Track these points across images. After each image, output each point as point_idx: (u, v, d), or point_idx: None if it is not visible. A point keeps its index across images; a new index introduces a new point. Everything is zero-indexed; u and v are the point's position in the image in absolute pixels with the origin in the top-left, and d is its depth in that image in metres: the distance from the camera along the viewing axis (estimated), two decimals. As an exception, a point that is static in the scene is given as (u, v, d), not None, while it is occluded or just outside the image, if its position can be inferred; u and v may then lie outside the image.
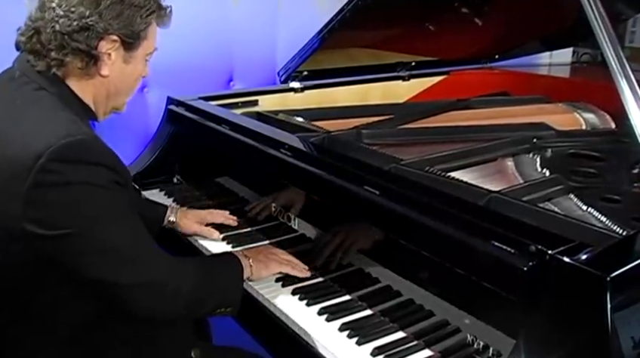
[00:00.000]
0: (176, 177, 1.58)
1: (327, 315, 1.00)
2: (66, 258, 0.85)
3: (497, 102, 1.77)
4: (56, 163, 0.81)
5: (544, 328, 0.75)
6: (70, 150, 0.82)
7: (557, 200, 1.07)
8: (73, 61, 0.89)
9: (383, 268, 1.04)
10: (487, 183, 1.14)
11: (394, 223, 0.97)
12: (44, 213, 0.82)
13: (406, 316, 0.97)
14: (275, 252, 1.12)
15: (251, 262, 1.05)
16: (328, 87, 1.78)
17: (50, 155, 0.80)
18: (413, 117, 1.56)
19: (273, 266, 1.08)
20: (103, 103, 0.97)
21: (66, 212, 0.82)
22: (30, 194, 0.81)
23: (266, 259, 1.08)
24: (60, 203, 0.82)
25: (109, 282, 0.86)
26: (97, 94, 0.95)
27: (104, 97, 0.96)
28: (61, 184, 0.81)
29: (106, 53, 0.91)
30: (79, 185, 0.83)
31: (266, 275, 1.08)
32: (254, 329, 1.07)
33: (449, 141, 1.37)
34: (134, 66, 0.96)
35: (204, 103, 1.54)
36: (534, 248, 0.77)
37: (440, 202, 0.91)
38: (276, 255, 1.10)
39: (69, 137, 0.82)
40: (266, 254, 1.10)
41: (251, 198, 1.40)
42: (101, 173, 0.84)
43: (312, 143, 1.24)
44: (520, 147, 1.33)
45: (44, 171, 0.80)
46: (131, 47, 0.93)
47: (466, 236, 0.84)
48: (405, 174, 1.08)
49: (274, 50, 1.94)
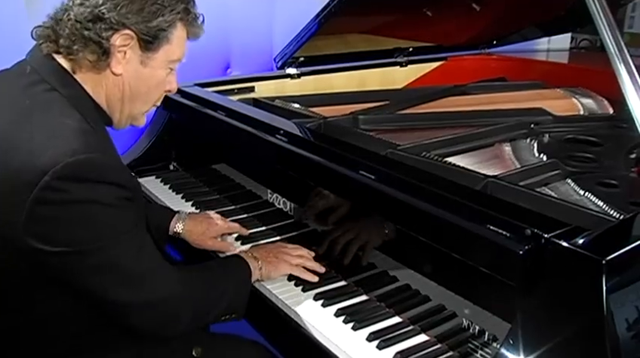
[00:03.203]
0: (172, 164, 1.57)
1: (323, 300, 0.99)
2: (67, 274, 0.83)
3: (495, 88, 1.76)
4: (61, 181, 0.78)
5: (540, 311, 0.75)
6: (76, 169, 0.79)
7: (554, 185, 1.07)
8: (84, 52, 0.86)
9: (379, 253, 1.04)
10: (484, 168, 1.13)
11: (390, 209, 0.96)
12: (45, 228, 0.80)
13: (402, 301, 0.97)
14: (286, 251, 1.08)
15: (260, 264, 1.03)
16: (325, 73, 1.77)
17: (55, 174, 0.77)
18: (410, 103, 1.55)
19: (283, 268, 1.05)
20: (118, 106, 0.92)
21: (69, 229, 0.80)
22: (33, 209, 0.78)
23: (276, 260, 1.05)
24: (63, 220, 0.80)
25: (109, 301, 0.85)
26: (110, 94, 0.90)
27: (118, 100, 0.91)
28: (65, 202, 0.79)
29: (120, 48, 0.86)
30: (84, 203, 0.80)
31: (275, 276, 1.05)
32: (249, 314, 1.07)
33: (446, 127, 1.36)
34: (153, 70, 0.90)
35: (200, 89, 1.52)
36: (530, 231, 0.77)
37: (436, 186, 0.91)
38: (288, 254, 1.07)
39: (77, 154, 0.79)
40: (276, 254, 1.06)
41: (248, 184, 1.40)
42: (108, 191, 0.82)
43: (308, 128, 1.23)
44: (517, 132, 1.33)
45: (49, 188, 0.78)
46: (149, 48, 0.88)
47: (462, 221, 0.83)
48: (402, 159, 1.08)
49: (270, 36, 1.92)
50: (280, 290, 1.03)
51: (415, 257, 0.97)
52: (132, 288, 0.85)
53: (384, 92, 1.71)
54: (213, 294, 0.95)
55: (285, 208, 1.26)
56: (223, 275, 1.00)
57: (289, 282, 1.05)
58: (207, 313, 0.95)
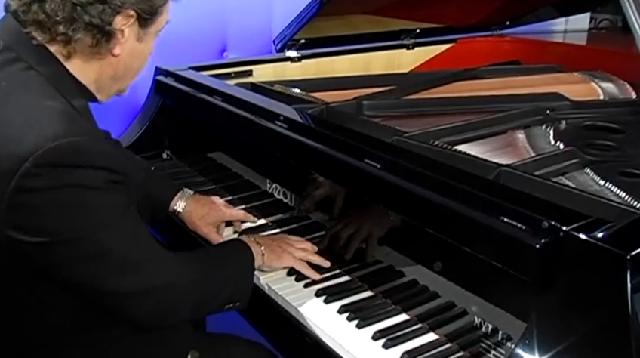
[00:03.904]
0: (165, 153, 1.56)
1: (326, 296, 0.98)
2: (56, 267, 0.81)
3: (508, 71, 1.73)
4: (43, 167, 0.76)
5: (558, 310, 0.73)
6: (59, 154, 0.76)
7: (571, 174, 1.05)
8: (83, 38, 0.83)
9: (384, 247, 1.03)
10: (497, 156, 1.12)
11: (396, 199, 0.95)
12: (28, 219, 0.78)
13: (409, 297, 0.96)
14: (290, 243, 1.06)
15: (263, 250, 1.01)
16: (327, 56, 1.75)
17: (35, 160, 0.75)
18: (417, 88, 1.53)
19: (286, 260, 1.04)
20: (108, 84, 0.90)
21: (54, 218, 0.78)
22: (13, 199, 0.76)
23: (280, 250, 1.04)
24: (47, 208, 0.78)
25: (104, 291, 0.83)
26: (103, 75, 0.88)
27: (110, 79, 0.89)
28: (48, 188, 0.77)
29: (119, 29, 0.84)
30: (68, 188, 0.78)
31: (277, 266, 1.04)
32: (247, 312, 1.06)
33: (456, 113, 1.34)
34: (146, 44, 0.90)
35: (194, 73, 1.51)
36: (547, 224, 0.75)
37: (445, 176, 0.89)
38: (291, 246, 1.06)
39: (59, 138, 0.76)
40: (279, 244, 1.05)
41: (245, 174, 1.39)
42: (95, 174, 0.79)
43: (309, 115, 1.22)
44: (532, 119, 1.31)
45: (29, 175, 0.75)
46: (147, 24, 0.87)
47: (474, 212, 0.82)
48: (409, 147, 1.06)
49: (269, 17, 1.90)
50: (280, 285, 1.02)
51: (423, 251, 0.95)
52: (130, 276, 0.83)
53: (390, 76, 1.69)
54: (215, 280, 0.93)
55: (285, 199, 1.26)
56: (225, 259, 0.98)
57: (289, 277, 1.04)
58: (210, 300, 0.93)
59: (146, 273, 0.85)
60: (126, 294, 0.84)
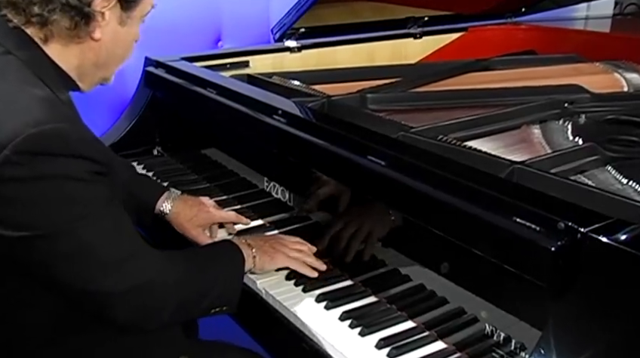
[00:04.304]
0: (156, 149, 1.57)
1: (327, 302, 0.98)
2: (36, 264, 0.81)
3: (523, 62, 1.73)
4: (22, 155, 0.76)
5: (576, 317, 0.73)
6: (40, 141, 0.77)
7: (591, 172, 1.05)
8: (60, 20, 0.83)
9: (389, 249, 1.03)
10: (510, 153, 1.12)
11: (402, 198, 0.95)
12: (6, 210, 0.78)
13: (416, 303, 0.96)
14: (284, 243, 1.07)
15: (254, 252, 1.02)
16: (329, 46, 1.75)
17: (15, 147, 0.75)
18: (425, 80, 1.54)
19: (280, 260, 1.04)
20: (91, 72, 0.91)
21: (34, 210, 0.78)
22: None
23: (273, 250, 1.04)
24: (26, 199, 0.78)
25: (85, 290, 0.83)
26: (85, 61, 0.89)
27: (92, 66, 0.90)
28: (28, 179, 0.77)
29: (100, 12, 0.85)
30: (50, 179, 0.78)
31: (270, 268, 1.04)
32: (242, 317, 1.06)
33: (466, 107, 1.34)
34: (130, 29, 0.90)
35: (187, 64, 1.51)
36: (564, 225, 0.74)
37: (454, 174, 0.89)
38: (285, 246, 1.06)
39: (40, 125, 0.77)
40: (272, 244, 1.05)
41: (242, 171, 1.39)
42: (78, 164, 0.80)
43: (310, 108, 1.22)
44: (548, 113, 1.30)
45: (8, 163, 0.76)
46: (129, 7, 0.88)
47: (485, 212, 0.81)
48: (415, 142, 1.06)
49: (267, 4, 1.90)
50: (277, 290, 1.02)
51: (430, 253, 0.95)
52: (113, 274, 0.83)
53: (396, 67, 1.69)
54: (202, 281, 0.93)
55: (284, 198, 1.26)
56: (213, 261, 0.98)
57: (288, 281, 1.04)
58: (195, 302, 0.93)
59: (130, 271, 0.85)
60: (108, 294, 0.83)
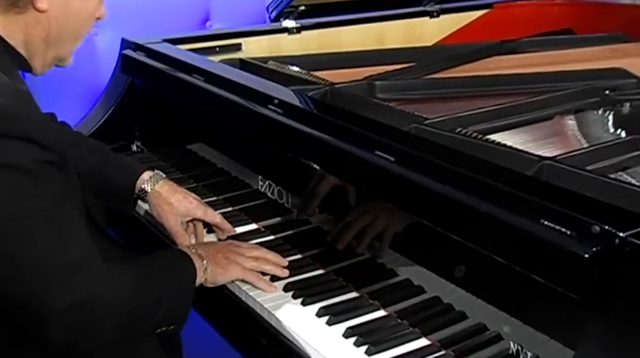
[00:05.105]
0: (135, 144, 1.57)
1: (329, 317, 0.99)
2: None
3: (558, 43, 1.73)
4: None
5: (614, 335, 0.73)
6: None
7: (635, 169, 1.05)
8: None
9: (400, 257, 1.04)
10: (539, 147, 1.12)
11: (414, 199, 0.95)
12: None
13: (430, 318, 0.97)
14: (239, 251, 1.08)
15: (205, 264, 1.02)
16: (332, 26, 1.76)
17: None
18: (442, 64, 1.54)
19: (233, 272, 1.05)
20: (41, 49, 0.93)
21: None
22: None
23: (226, 261, 1.05)
24: None
25: (17, 304, 0.83)
26: (32, 36, 0.91)
27: (42, 42, 0.92)
28: None
29: None
30: None
31: (223, 281, 1.05)
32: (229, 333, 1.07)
33: (490, 95, 1.35)
34: (82, 1, 0.92)
35: (170, 47, 1.52)
36: (599, 228, 0.75)
37: (474, 171, 0.89)
38: (241, 256, 1.07)
39: None
40: (225, 254, 1.06)
41: (233, 170, 1.40)
42: (22, 150, 0.79)
43: (310, 98, 1.23)
44: (586, 101, 1.31)
45: None
46: None
47: (509, 215, 0.82)
48: (430, 136, 1.07)
49: (262, -22, 1.91)
50: (273, 303, 1.03)
51: (447, 262, 0.95)
52: (53, 289, 0.82)
53: (409, 51, 1.69)
54: (148, 298, 0.93)
55: (281, 200, 1.27)
56: (162, 274, 0.99)
57: (285, 293, 1.05)
58: (140, 321, 0.93)
59: (72, 286, 0.84)
60: (43, 311, 0.82)
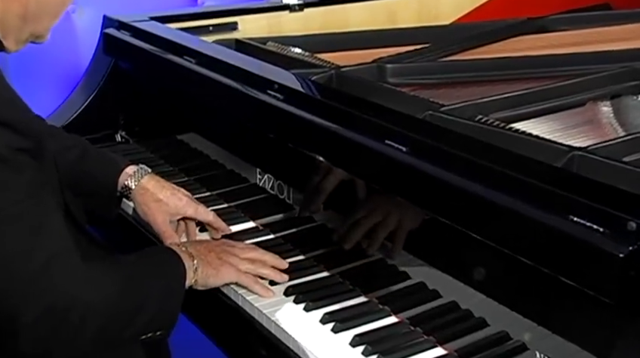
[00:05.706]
0: (119, 134, 1.58)
1: (335, 323, 0.99)
2: None
3: (592, 20, 1.72)
4: None
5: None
6: None
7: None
8: None
9: (413, 258, 1.04)
10: (570, 136, 1.13)
11: (428, 193, 0.95)
12: None
13: (447, 325, 0.97)
14: (233, 251, 1.09)
15: (196, 264, 1.03)
16: (338, 3, 1.77)
17: None
18: (461, 45, 1.55)
19: (226, 274, 1.05)
20: (17, 26, 0.94)
21: None
22: None
23: (219, 261, 1.06)
24: None
25: None
26: (8, 13, 0.92)
27: (18, 19, 0.93)
28: None
29: None
30: None
31: (215, 284, 1.06)
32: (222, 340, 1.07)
33: (514, 79, 1.35)
34: None
35: (158, 25, 1.53)
36: (635, 225, 0.75)
37: (497, 163, 0.89)
38: (235, 256, 1.07)
39: None
40: (219, 254, 1.07)
41: (228, 162, 1.40)
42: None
43: (314, 82, 1.23)
44: (624, 85, 1.31)
45: None
46: None
47: (535, 211, 0.82)
48: (447, 124, 1.07)
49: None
50: (272, 309, 1.03)
51: (465, 263, 0.96)
52: (23, 293, 0.83)
53: (423, 30, 1.70)
54: (132, 298, 0.94)
55: (281, 195, 1.27)
56: (147, 273, 0.99)
57: (286, 298, 1.06)
58: (122, 328, 0.94)
59: (44, 289, 0.84)
60: (13, 318, 0.83)
